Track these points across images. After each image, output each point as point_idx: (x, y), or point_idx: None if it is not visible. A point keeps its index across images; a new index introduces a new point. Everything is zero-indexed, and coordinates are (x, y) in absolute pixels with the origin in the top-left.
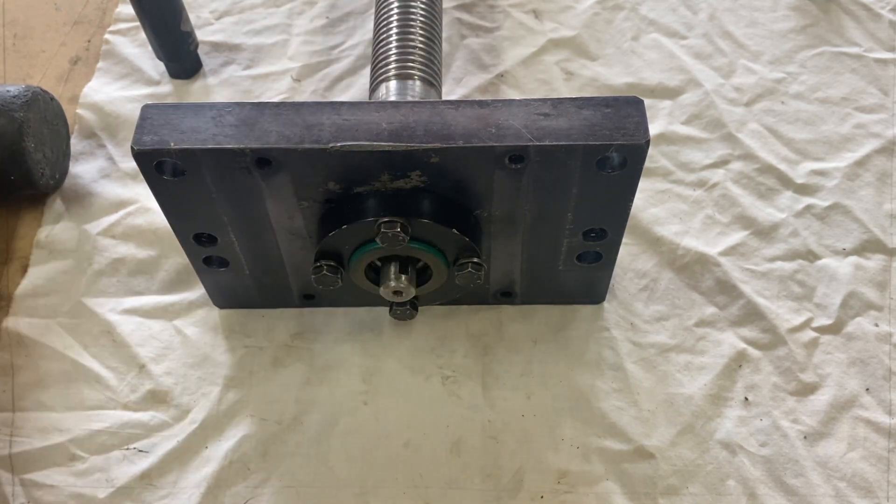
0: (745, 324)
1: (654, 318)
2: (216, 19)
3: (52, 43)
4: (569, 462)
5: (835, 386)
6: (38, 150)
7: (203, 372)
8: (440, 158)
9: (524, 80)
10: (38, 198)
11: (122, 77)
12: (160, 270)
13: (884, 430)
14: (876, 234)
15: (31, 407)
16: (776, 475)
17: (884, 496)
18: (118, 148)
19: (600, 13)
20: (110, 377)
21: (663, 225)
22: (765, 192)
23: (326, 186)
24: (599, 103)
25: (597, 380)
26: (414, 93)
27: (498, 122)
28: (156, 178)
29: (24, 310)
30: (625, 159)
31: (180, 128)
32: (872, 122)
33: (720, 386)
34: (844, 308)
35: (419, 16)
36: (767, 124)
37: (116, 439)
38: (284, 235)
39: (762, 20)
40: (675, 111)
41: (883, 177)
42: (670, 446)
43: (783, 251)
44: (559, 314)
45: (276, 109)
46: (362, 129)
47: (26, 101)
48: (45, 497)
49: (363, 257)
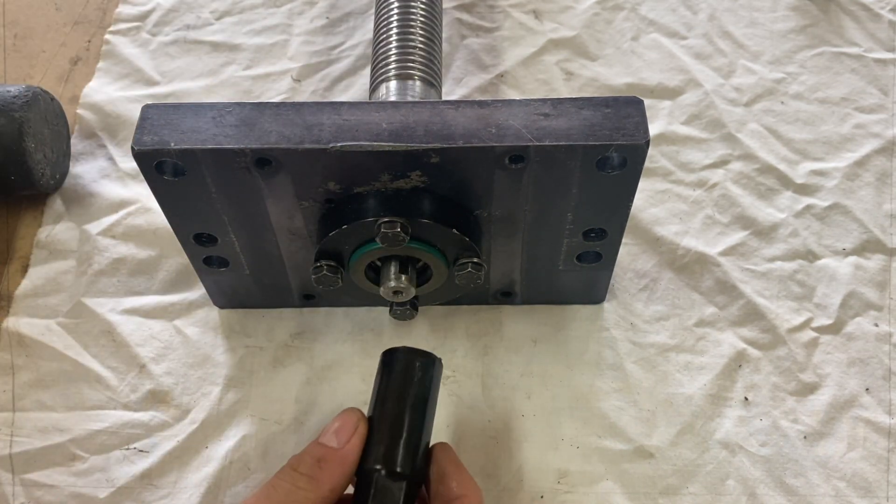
0: (745, 324)
1: (653, 318)
2: (216, 19)
3: (52, 43)
4: (569, 462)
5: (835, 386)
6: (38, 150)
7: (203, 372)
8: (440, 158)
9: (524, 80)
10: (38, 198)
11: (122, 77)
12: (160, 270)
13: (884, 430)
14: (876, 234)
15: (31, 407)
16: (776, 475)
17: (884, 496)
18: (118, 148)
19: (600, 13)
20: (110, 377)
21: (663, 225)
22: (765, 192)
23: (326, 186)
24: (599, 103)
25: (596, 380)
26: (414, 93)
27: (498, 122)
28: (156, 178)
29: (24, 310)
30: (625, 159)
31: (180, 128)
32: (872, 122)
33: (720, 386)
34: (844, 308)
35: (419, 16)
36: (767, 124)
37: (116, 439)
38: (284, 235)
39: (762, 20)
40: (674, 111)
41: (883, 177)
42: (670, 446)
43: (783, 251)
44: (559, 314)
45: (276, 109)
46: (362, 129)
47: (26, 101)
48: (45, 497)
49: (363, 257)
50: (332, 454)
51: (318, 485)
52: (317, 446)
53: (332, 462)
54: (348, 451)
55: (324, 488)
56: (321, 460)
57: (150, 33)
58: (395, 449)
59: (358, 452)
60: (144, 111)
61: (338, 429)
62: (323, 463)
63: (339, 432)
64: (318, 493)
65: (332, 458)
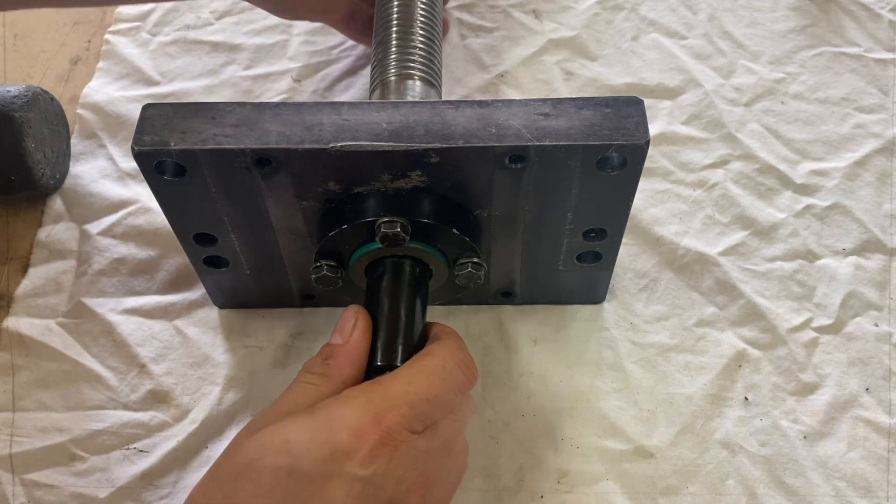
0: (745, 324)
1: (654, 318)
2: (216, 19)
3: (52, 43)
4: (569, 462)
5: (835, 386)
6: (38, 151)
7: (203, 372)
8: (440, 158)
9: (524, 80)
10: (38, 198)
11: (122, 77)
12: (160, 270)
13: (884, 430)
14: (876, 234)
15: (32, 407)
16: (776, 475)
17: (884, 496)
18: (118, 148)
19: (600, 13)
20: (110, 377)
21: (663, 225)
22: (765, 192)
23: (326, 186)
24: (599, 103)
25: (596, 380)
26: (414, 93)
27: (498, 122)
28: (156, 178)
29: (24, 310)
30: (625, 159)
31: (180, 128)
32: (872, 122)
33: (720, 386)
34: (844, 308)
35: (419, 16)
36: (767, 124)
37: (116, 439)
38: (284, 235)
39: (762, 20)
40: (674, 111)
41: (883, 177)
42: (670, 446)
43: (783, 251)
44: (559, 314)
45: (276, 109)
46: (362, 129)
47: (26, 101)
48: (46, 497)
49: (363, 257)
50: (338, 350)
51: (330, 380)
52: (324, 347)
53: (339, 357)
54: (353, 344)
55: (335, 382)
56: (328, 357)
57: (150, 33)
58: (395, 343)
59: (364, 343)
60: (144, 111)
61: (340, 326)
62: (331, 359)
63: (342, 329)
64: (331, 387)
65: (338, 353)
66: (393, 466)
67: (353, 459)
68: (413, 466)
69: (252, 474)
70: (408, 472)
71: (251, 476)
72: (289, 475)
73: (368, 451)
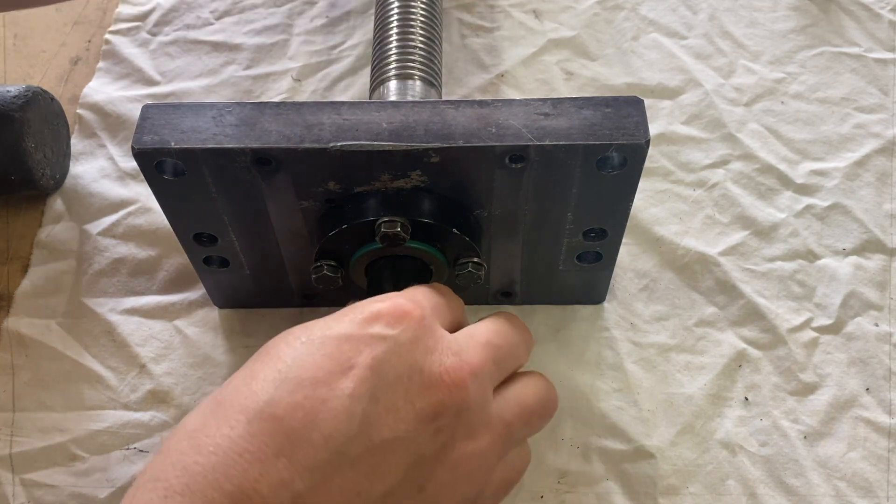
0: (745, 324)
1: (654, 318)
2: (216, 19)
3: (52, 43)
4: (569, 462)
5: (835, 386)
6: (38, 151)
7: (203, 372)
8: (440, 158)
9: (524, 80)
10: (38, 198)
11: (122, 77)
12: (160, 270)
13: (884, 430)
14: (876, 234)
15: (32, 407)
16: (776, 475)
17: (884, 496)
18: (118, 148)
19: (600, 13)
20: (110, 377)
21: (663, 225)
22: (765, 192)
23: (326, 186)
24: (599, 103)
25: (597, 380)
26: (414, 93)
27: (498, 121)
28: (156, 178)
29: (24, 310)
30: (625, 159)
31: (180, 128)
32: (872, 122)
33: (720, 386)
34: (844, 308)
35: (419, 16)
36: (767, 124)
37: (117, 439)
38: (284, 235)
39: (762, 20)
40: (675, 111)
41: (883, 177)
42: (670, 446)
43: (783, 251)
44: (559, 314)
45: (277, 109)
46: (362, 128)
47: (26, 101)
48: (46, 497)
49: (363, 257)
50: None
51: None
52: None
53: None
54: None
55: None
56: None
57: (150, 33)
58: None
59: None
60: (144, 111)
61: None
62: None
63: None
64: None
65: None
66: (421, 334)
67: (379, 320)
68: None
69: (270, 349)
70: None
71: (271, 350)
72: (307, 341)
73: (396, 315)
